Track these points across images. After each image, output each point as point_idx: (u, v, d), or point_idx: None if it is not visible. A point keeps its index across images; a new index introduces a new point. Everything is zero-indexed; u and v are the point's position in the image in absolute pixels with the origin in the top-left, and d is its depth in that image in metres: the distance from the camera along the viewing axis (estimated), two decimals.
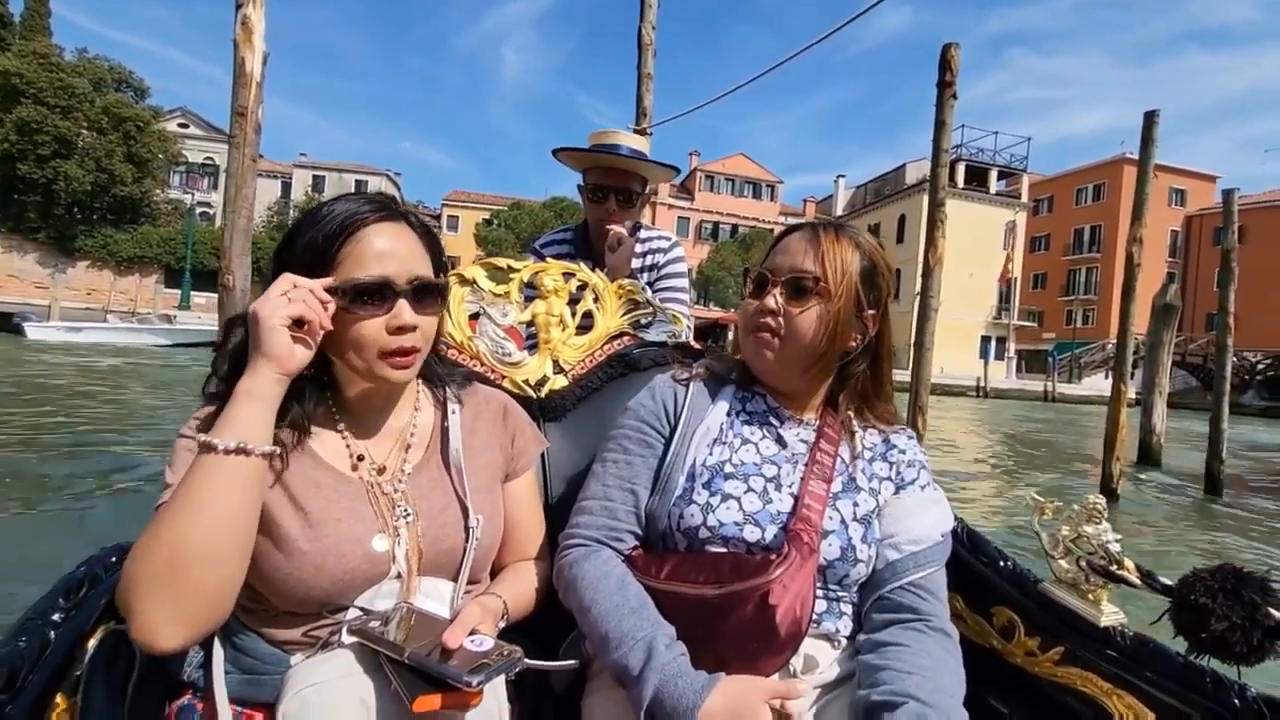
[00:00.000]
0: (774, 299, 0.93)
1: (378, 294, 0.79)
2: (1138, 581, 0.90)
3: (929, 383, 5.22)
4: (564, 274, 1.38)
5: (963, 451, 10.42)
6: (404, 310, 0.80)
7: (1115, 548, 0.93)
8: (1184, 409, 19.99)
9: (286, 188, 40.43)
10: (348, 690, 0.69)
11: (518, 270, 1.36)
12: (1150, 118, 6.91)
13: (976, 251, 34.22)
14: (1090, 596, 0.95)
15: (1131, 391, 7.25)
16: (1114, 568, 0.92)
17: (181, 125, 37.50)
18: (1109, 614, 0.93)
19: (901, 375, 5.30)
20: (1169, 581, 0.87)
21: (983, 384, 27.58)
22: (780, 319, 0.93)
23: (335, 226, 0.79)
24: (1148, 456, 9.51)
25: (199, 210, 33.60)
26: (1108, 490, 6.58)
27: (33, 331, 19.58)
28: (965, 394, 26.72)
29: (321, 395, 0.87)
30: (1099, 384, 28.41)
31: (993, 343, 35.44)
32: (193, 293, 28.34)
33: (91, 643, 0.78)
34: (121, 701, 0.76)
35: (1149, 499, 7.37)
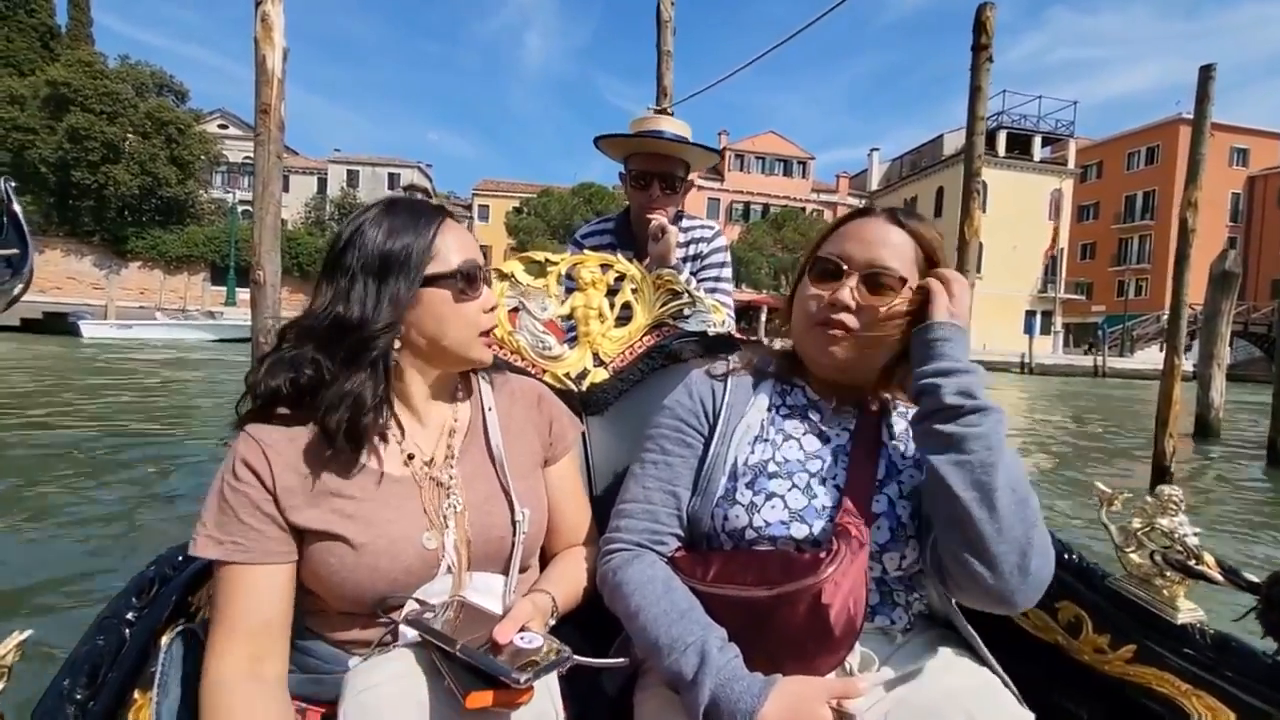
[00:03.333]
0: (850, 292, 0.88)
1: (475, 279, 0.87)
2: (1220, 578, 0.84)
3: None
4: (601, 265, 1.37)
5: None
6: (489, 293, 0.90)
7: (1193, 541, 0.88)
8: (1247, 381, 18.99)
9: (322, 183, 41.23)
10: (404, 693, 0.69)
11: (555, 263, 1.35)
12: (1206, 72, 6.46)
13: (1019, 223, 33.03)
14: (1165, 593, 0.90)
15: (1189, 364, 6.89)
16: (1192, 562, 0.87)
17: (221, 126, 38.53)
18: (1186, 611, 0.88)
19: None
20: (1255, 579, 0.82)
21: (1027, 360, 26.63)
22: (855, 315, 0.88)
23: (423, 224, 0.85)
24: (1206, 432, 9.06)
25: (241, 209, 34.63)
26: (1160, 469, 6.29)
27: (87, 330, 20.61)
28: (1008, 370, 25.86)
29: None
30: (1153, 357, 27.18)
31: (1038, 317, 34.24)
32: (238, 289, 29.29)
33: (165, 639, 0.80)
34: (195, 694, 0.78)
35: (1207, 477, 7.02)
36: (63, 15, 33.45)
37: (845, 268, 0.89)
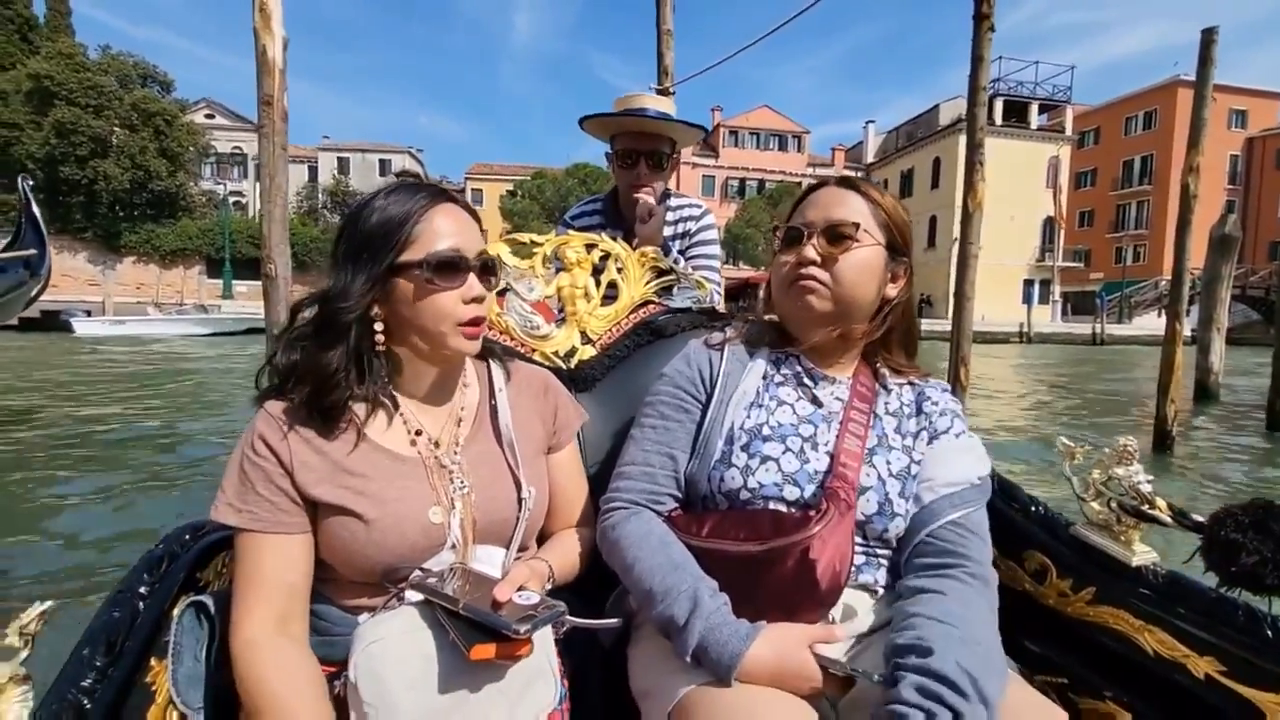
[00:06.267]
0: (814, 249, 0.95)
1: (453, 267, 0.85)
2: (1169, 520, 0.90)
3: (970, 333, 5.03)
4: (586, 245, 1.40)
5: (1003, 402, 10.12)
6: (475, 283, 0.88)
7: (1146, 488, 0.93)
8: (1244, 344, 19.01)
9: (313, 171, 40.80)
10: (410, 643, 0.75)
11: (540, 244, 1.38)
12: (1208, 36, 6.39)
13: (1017, 192, 32.72)
14: (1122, 537, 0.96)
15: (1187, 329, 6.89)
16: (1145, 507, 0.92)
17: (208, 116, 38.06)
18: (1141, 553, 0.94)
19: (942, 325, 5.17)
20: (1200, 519, 0.87)
21: (1026, 329, 26.64)
22: (822, 268, 0.95)
23: (407, 208, 0.85)
24: (1205, 396, 9.15)
25: (232, 200, 34.33)
26: (1163, 435, 6.29)
27: (80, 327, 20.61)
28: (1008, 341, 25.87)
29: (381, 378, 0.92)
30: (1151, 323, 27.23)
31: (1036, 286, 34.16)
32: (234, 282, 29.18)
33: (175, 611, 0.85)
34: (207, 659, 0.84)
35: (1207, 441, 7.11)
36: (40, 5, 32.90)
37: (806, 230, 0.97)
